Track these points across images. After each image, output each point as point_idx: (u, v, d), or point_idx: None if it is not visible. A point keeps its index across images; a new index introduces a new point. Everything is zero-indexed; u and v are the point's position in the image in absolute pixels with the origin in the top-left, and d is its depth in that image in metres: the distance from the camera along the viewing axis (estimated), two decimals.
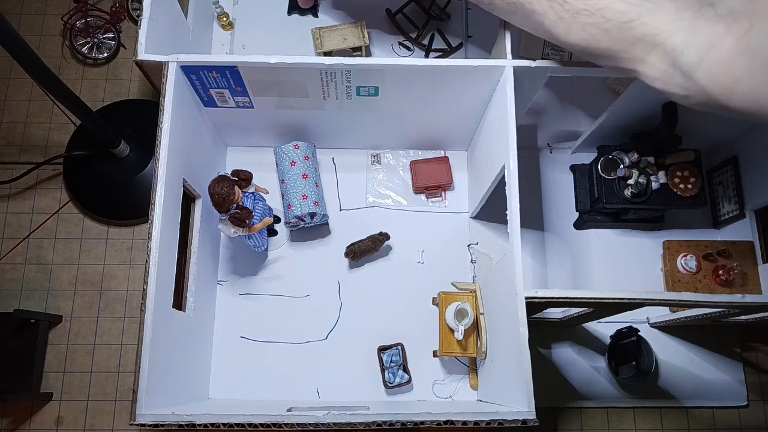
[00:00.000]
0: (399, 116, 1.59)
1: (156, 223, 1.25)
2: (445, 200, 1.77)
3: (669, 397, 1.66)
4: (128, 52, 1.95)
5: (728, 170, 1.71)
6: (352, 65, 1.35)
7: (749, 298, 1.19)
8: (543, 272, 1.72)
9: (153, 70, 1.36)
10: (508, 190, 1.27)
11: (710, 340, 1.70)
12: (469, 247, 1.72)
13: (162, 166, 1.28)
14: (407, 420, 1.18)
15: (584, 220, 1.73)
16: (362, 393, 1.60)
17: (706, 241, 1.67)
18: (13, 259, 1.77)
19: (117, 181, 1.77)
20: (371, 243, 1.64)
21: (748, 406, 1.68)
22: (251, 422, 1.16)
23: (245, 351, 1.63)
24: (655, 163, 1.61)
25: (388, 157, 1.80)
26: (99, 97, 1.90)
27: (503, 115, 1.32)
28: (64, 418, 1.66)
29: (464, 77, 1.39)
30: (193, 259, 1.50)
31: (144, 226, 1.79)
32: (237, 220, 1.45)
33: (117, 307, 1.74)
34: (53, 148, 1.85)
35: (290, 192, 1.63)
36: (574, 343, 1.69)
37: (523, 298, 1.19)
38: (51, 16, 1.97)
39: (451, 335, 1.50)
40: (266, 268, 1.70)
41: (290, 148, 1.64)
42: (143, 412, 1.18)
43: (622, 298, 1.18)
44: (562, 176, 1.79)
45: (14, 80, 1.91)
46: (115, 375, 1.69)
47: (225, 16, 1.86)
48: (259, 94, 1.48)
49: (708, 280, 1.63)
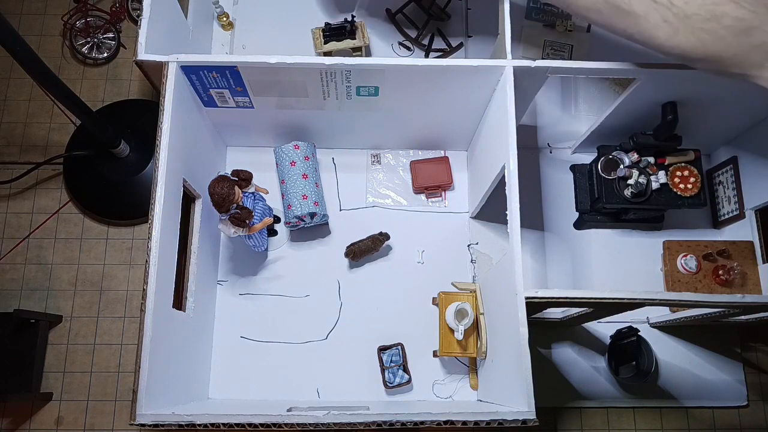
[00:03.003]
0: (399, 116, 1.59)
1: (156, 223, 1.25)
2: (445, 200, 1.77)
3: (669, 397, 1.66)
4: (128, 52, 1.95)
5: (728, 170, 1.71)
6: (352, 65, 1.35)
7: (749, 298, 1.19)
8: (543, 272, 1.72)
9: (153, 70, 1.36)
10: (508, 190, 1.27)
11: (710, 340, 1.70)
12: (469, 247, 1.72)
13: (162, 166, 1.28)
14: (407, 420, 1.18)
15: (584, 220, 1.73)
16: (362, 393, 1.60)
17: (706, 241, 1.67)
18: (13, 259, 1.77)
19: (117, 181, 1.77)
20: (371, 243, 1.64)
21: (748, 406, 1.68)
22: (251, 422, 1.16)
23: (245, 351, 1.63)
24: (655, 163, 1.61)
25: (388, 157, 1.80)
26: (99, 97, 1.90)
27: (503, 115, 1.32)
28: (64, 418, 1.66)
29: (464, 77, 1.39)
30: (193, 259, 1.50)
31: (144, 226, 1.79)
32: (237, 220, 1.45)
33: (117, 307, 1.74)
34: (53, 148, 1.85)
35: (290, 192, 1.63)
36: (574, 343, 1.69)
37: (523, 298, 1.19)
38: (51, 16, 1.97)
39: (451, 335, 1.50)
40: (266, 268, 1.70)
41: (290, 148, 1.64)
42: (143, 412, 1.18)
43: (622, 298, 1.18)
44: (562, 176, 1.79)
45: (14, 80, 1.91)
46: (115, 375, 1.69)
47: (225, 16, 1.86)
48: (259, 94, 1.48)
49: (708, 280, 1.63)
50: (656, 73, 1.33)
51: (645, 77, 1.36)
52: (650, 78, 1.36)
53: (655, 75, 1.34)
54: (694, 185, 1.60)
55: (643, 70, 1.33)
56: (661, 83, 1.39)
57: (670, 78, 1.35)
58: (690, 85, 1.39)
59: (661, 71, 1.33)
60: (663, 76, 1.35)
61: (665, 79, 1.36)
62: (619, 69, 1.33)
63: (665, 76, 1.34)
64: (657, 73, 1.33)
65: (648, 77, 1.35)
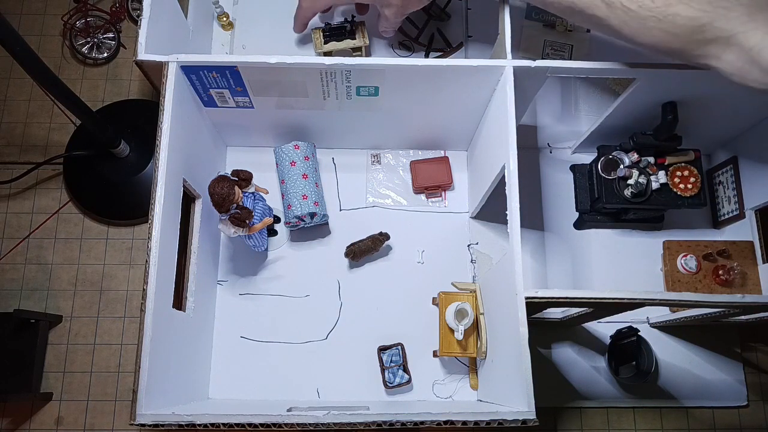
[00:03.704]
0: (399, 116, 1.59)
1: (156, 223, 1.25)
2: (445, 200, 1.77)
3: (669, 397, 1.66)
4: (128, 52, 1.95)
5: (728, 170, 1.71)
6: (352, 65, 1.35)
7: (749, 298, 1.19)
8: (543, 272, 1.72)
9: (153, 70, 1.36)
10: (508, 190, 1.27)
11: (710, 340, 1.70)
12: (469, 247, 1.72)
13: (162, 166, 1.28)
14: (407, 420, 1.18)
15: (584, 220, 1.73)
16: (362, 393, 1.60)
17: (706, 241, 1.67)
18: (13, 259, 1.77)
19: (117, 181, 1.77)
20: (371, 243, 1.64)
21: (748, 406, 1.68)
22: (251, 422, 1.16)
23: (245, 351, 1.63)
24: (655, 163, 1.61)
25: (388, 157, 1.80)
26: (99, 97, 1.90)
27: (503, 115, 1.32)
28: (64, 418, 1.66)
29: (464, 77, 1.39)
30: (193, 259, 1.50)
31: (144, 226, 1.79)
32: (237, 220, 1.45)
33: (117, 307, 1.74)
34: (53, 148, 1.85)
35: (290, 192, 1.63)
36: (574, 343, 1.69)
37: (523, 298, 1.19)
38: (51, 16, 1.97)
39: (451, 335, 1.50)
40: (266, 268, 1.70)
41: (290, 148, 1.64)
42: (143, 412, 1.18)
43: (622, 298, 1.18)
44: (562, 176, 1.79)
45: (14, 80, 1.91)
46: (115, 375, 1.69)
47: (225, 16, 1.86)
48: (259, 94, 1.48)
49: (708, 280, 1.63)
50: (656, 73, 1.33)
51: (645, 77, 1.36)
52: (650, 78, 1.36)
53: (655, 75, 1.34)
54: (694, 185, 1.60)
55: (643, 70, 1.33)
56: (661, 83, 1.38)
57: (670, 78, 1.35)
58: (690, 85, 1.39)
59: (661, 71, 1.32)
60: (663, 76, 1.34)
61: (665, 79, 1.36)
62: (619, 69, 1.33)
63: (665, 76, 1.34)
64: (657, 73, 1.33)
65: (648, 77, 1.35)
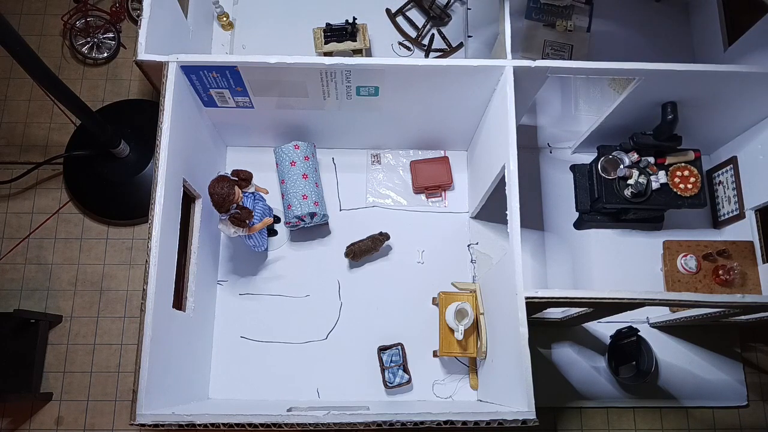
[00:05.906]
0: (399, 116, 1.59)
1: (156, 223, 1.25)
2: (445, 200, 1.77)
3: (669, 397, 1.66)
4: (128, 52, 1.95)
5: (728, 170, 1.71)
6: (352, 65, 1.35)
7: (749, 298, 1.19)
8: (543, 272, 1.72)
9: (153, 70, 1.36)
10: (508, 190, 1.27)
11: (710, 340, 1.70)
12: (469, 247, 1.72)
13: (162, 166, 1.28)
14: (407, 420, 1.18)
15: (584, 220, 1.73)
16: (362, 393, 1.60)
17: (706, 241, 1.67)
18: (13, 259, 1.77)
19: (117, 181, 1.77)
20: (371, 243, 1.64)
21: (748, 406, 1.68)
22: (251, 422, 1.16)
23: (245, 351, 1.63)
24: (655, 163, 1.61)
25: (388, 157, 1.80)
26: (99, 97, 1.90)
27: (503, 115, 1.32)
28: (64, 418, 1.65)
29: (464, 77, 1.39)
30: (193, 259, 1.50)
31: (144, 226, 1.79)
32: (237, 220, 1.45)
33: (117, 307, 1.74)
34: (53, 148, 1.85)
35: (290, 192, 1.63)
36: (574, 343, 1.68)
37: (523, 298, 1.19)
38: (51, 16, 1.96)
39: (451, 335, 1.50)
40: (266, 268, 1.70)
41: (290, 148, 1.64)
42: (143, 412, 1.18)
43: (622, 298, 1.18)
44: (562, 176, 1.79)
45: (14, 80, 1.91)
46: (115, 375, 1.69)
47: (225, 16, 1.86)
48: (259, 94, 1.48)
49: (708, 280, 1.63)
50: (656, 73, 1.34)
51: (645, 77, 1.36)
52: (650, 78, 1.36)
53: (655, 75, 1.34)
54: (694, 185, 1.60)
55: (643, 70, 1.33)
56: (661, 83, 1.38)
57: (670, 78, 1.35)
58: (690, 85, 1.39)
59: (661, 71, 1.33)
60: (663, 76, 1.35)
61: (665, 79, 1.36)
62: (619, 69, 1.33)
63: (665, 76, 1.34)
64: (657, 73, 1.33)
65: (648, 77, 1.35)
